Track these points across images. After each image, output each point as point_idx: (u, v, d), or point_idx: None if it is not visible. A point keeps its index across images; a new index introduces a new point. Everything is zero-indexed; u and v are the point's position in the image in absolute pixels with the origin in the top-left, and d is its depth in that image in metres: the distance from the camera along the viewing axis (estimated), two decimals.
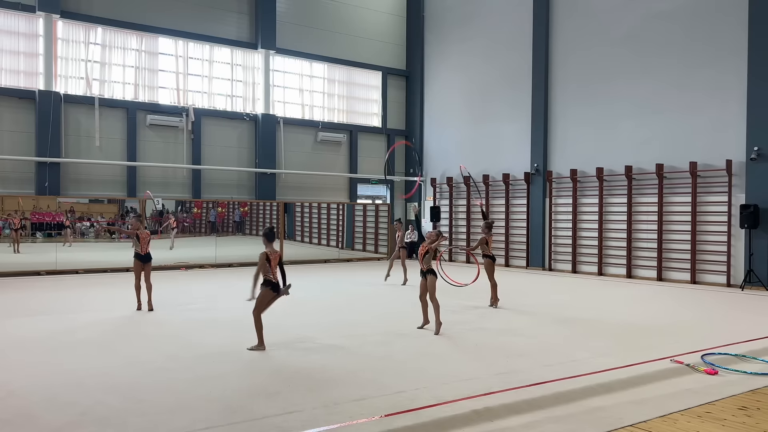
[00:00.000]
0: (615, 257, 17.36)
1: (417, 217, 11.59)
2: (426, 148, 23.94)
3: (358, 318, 10.26)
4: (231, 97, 20.94)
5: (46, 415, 5.23)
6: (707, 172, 15.37)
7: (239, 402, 5.61)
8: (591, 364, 7.02)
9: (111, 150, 18.56)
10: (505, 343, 8.29)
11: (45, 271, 16.36)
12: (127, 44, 19.08)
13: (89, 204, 18.44)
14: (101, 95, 18.49)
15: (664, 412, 5.40)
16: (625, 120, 17.25)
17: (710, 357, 7.32)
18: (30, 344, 7.98)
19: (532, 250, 19.45)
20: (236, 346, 7.83)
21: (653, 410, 5.44)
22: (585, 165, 18.12)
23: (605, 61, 17.80)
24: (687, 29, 16.00)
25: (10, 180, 17.11)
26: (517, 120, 20.22)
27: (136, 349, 7.72)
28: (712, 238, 15.33)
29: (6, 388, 5.94)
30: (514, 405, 5.55)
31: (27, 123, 17.39)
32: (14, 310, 10.81)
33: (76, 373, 6.54)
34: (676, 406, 5.55)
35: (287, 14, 21.77)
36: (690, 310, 11.54)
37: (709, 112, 15.50)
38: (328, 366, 6.95)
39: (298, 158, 22.02)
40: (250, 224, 21.84)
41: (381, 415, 5.24)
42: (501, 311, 10.94)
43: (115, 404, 5.52)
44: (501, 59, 20.91)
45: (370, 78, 23.93)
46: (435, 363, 7.10)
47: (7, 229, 16.85)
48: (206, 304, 11.62)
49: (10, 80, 17.34)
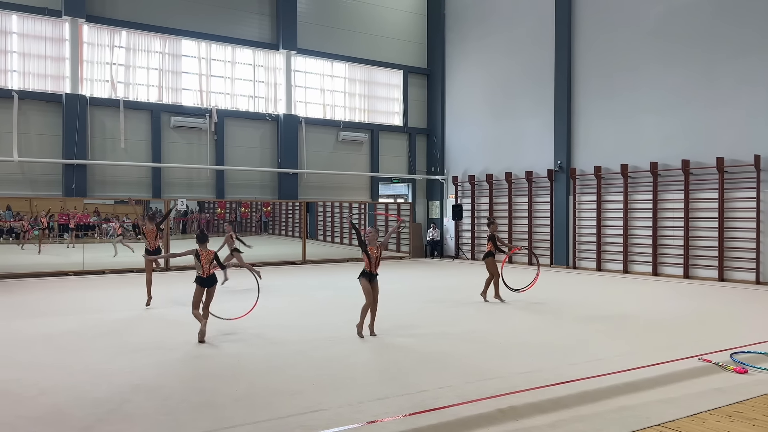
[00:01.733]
0: (640, 255, 17.15)
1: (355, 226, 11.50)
2: (447, 146, 23.87)
3: (380, 317, 10.23)
4: (253, 97, 21.09)
5: (75, 413, 5.31)
6: (735, 168, 15.09)
7: (263, 400, 5.65)
8: (617, 362, 6.93)
9: (136, 151, 18.82)
10: (529, 341, 8.24)
11: (72, 271, 16.64)
12: (150, 47, 19.32)
13: (114, 205, 18.70)
14: (126, 98, 18.74)
15: (692, 411, 5.32)
16: (650, 114, 17.02)
17: (739, 355, 7.18)
18: (59, 343, 8.12)
19: (556, 248, 19.29)
20: (260, 345, 7.88)
21: (681, 410, 5.36)
22: (609, 161, 17.92)
23: (629, 54, 17.58)
24: (713, 20, 15.72)
25: (38, 182, 17.42)
26: (539, 116, 20.07)
27: (162, 347, 7.80)
28: (740, 235, 15.05)
29: (37, 387, 6.06)
30: (540, 404, 5.50)
31: (54, 126, 17.70)
32: (43, 309, 11.01)
33: (104, 371, 6.64)
34: (704, 406, 5.46)
35: (308, 15, 21.86)
36: (718, 308, 11.34)
37: (736, 105, 15.22)
38: (351, 365, 6.97)
39: (319, 158, 22.10)
40: (273, 224, 21.97)
41: (405, 414, 5.24)
42: (525, 310, 10.86)
43: (142, 402, 5.60)
44: (522, 55, 20.76)
45: (391, 77, 23.93)
46: (458, 361, 7.08)
47: (37, 229, 17.18)
48: (228, 304, 11.71)
49: (38, 84, 17.66)
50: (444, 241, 23.71)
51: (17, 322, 9.67)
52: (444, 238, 23.73)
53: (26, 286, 14.32)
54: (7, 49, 17.29)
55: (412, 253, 23.20)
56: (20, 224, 17.40)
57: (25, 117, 17.32)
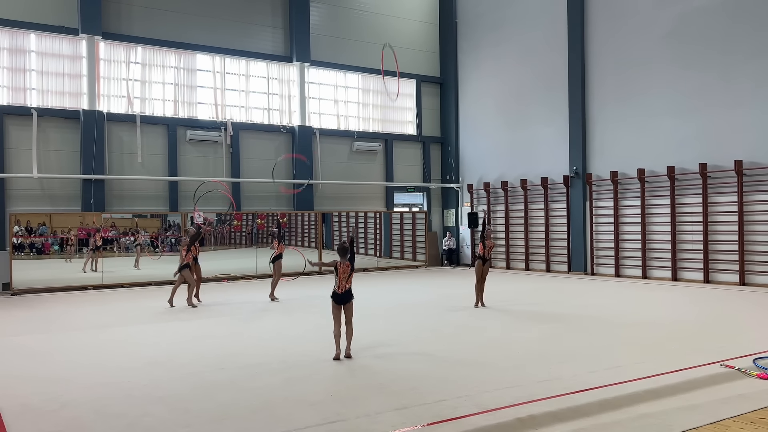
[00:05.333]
0: (659, 260, 16.97)
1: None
2: (462, 154, 23.85)
3: (395, 327, 10.23)
4: (267, 110, 21.24)
5: (96, 427, 5.36)
6: (753, 170, 14.92)
7: (282, 411, 5.65)
8: (637, 369, 6.86)
9: (153, 166, 19.01)
10: (547, 349, 8.18)
11: (92, 285, 16.80)
12: (166, 62, 19.54)
13: (133, 219, 18.87)
14: (142, 113, 18.96)
15: (715, 418, 5.25)
16: (666, 118, 16.89)
17: (762, 361, 7.07)
18: (78, 357, 8.20)
19: (574, 255, 19.15)
20: (276, 356, 7.90)
21: (704, 416, 5.28)
22: (625, 166, 17.79)
23: (643, 59, 17.48)
24: (728, 22, 15.59)
25: (58, 198, 17.65)
26: (554, 123, 20.00)
27: (181, 360, 7.85)
28: (761, 239, 14.85)
29: (59, 400, 6.12)
30: (559, 412, 5.46)
31: (73, 142, 17.94)
32: (63, 323, 11.12)
33: (123, 384, 6.69)
34: (727, 412, 5.38)
35: (320, 27, 22.01)
36: (739, 313, 11.18)
37: (753, 107, 15.06)
38: (367, 375, 6.96)
39: (334, 168, 22.18)
40: (289, 235, 22.04)
41: (423, 424, 5.22)
42: (543, 317, 10.79)
43: (162, 415, 5.63)
44: (536, 62, 20.73)
45: (404, 86, 23.97)
46: (476, 371, 7.04)
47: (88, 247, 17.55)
48: (250, 315, 11.76)
49: (56, 101, 17.93)
50: (460, 249, 23.64)
51: (37, 337, 9.79)
52: (460, 247, 23.66)
53: (46, 300, 14.50)
54: (26, 67, 17.58)
55: (429, 261, 23.15)
56: (91, 240, 17.68)
57: (44, 134, 17.58)
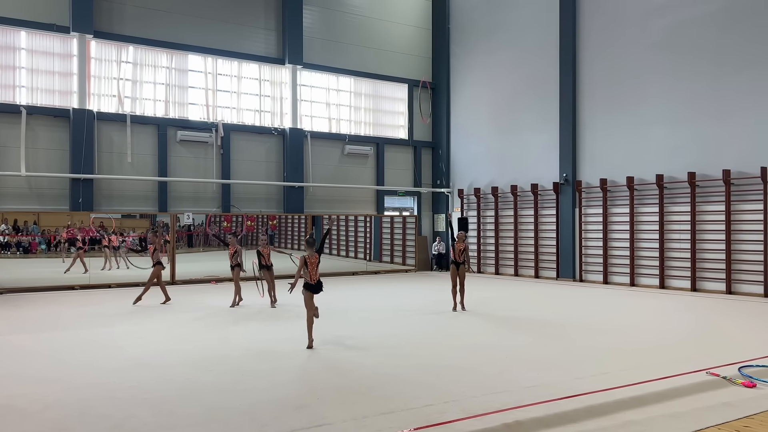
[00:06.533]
0: (647, 267, 17.07)
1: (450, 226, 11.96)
2: (453, 159, 23.90)
3: (383, 331, 10.22)
4: (259, 112, 21.21)
5: (80, 429, 5.31)
6: (741, 180, 15.05)
7: (268, 415, 5.63)
8: (624, 376, 6.89)
9: (143, 166, 18.92)
10: (534, 355, 8.20)
11: (78, 285, 16.68)
12: (157, 62, 19.47)
13: (121, 219, 18.79)
14: (133, 112, 18.87)
15: (700, 426, 5.27)
16: (656, 127, 17.01)
17: (748, 369, 7.12)
18: (63, 357, 8.13)
19: (562, 262, 19.23)
20: (263, 359, 7.87)
21: (689, 424, 5.31)
22: (615, 174, 17.90)
23: (634, 68, 17.60)
24: (718, 34, 15.73)
25: (46, 196, 17.53)
26: (544, 129, 20.08)
27: (166, 361, 7.80)
28: (748, 248, 14.97)
29: (43, 402, 6.06)
30: (545, 418, 5.47)
31: (62, 141, 17.83)
32: (49, 323, 11.03)
33: (108, 385, 6.64)
34: (712, 420, 5.41)
35: (313, 29, 22.02)
36: (726, 321, 11.26)
37: (742, 118, 15.20)
38: (355, 379, 6.94)
39: (325, 171, 22.16)
40: (279, 237, 22.00)
41: (410, 429, 5.21)
42: (530, 323, 10.82)
43: (147, 417, 5.58)
44: (528, 69, 20.83)
45: (397, 91, 24.03)
46: (463, 376, 7.04)
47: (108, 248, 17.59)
48: (238, 317, 11.72)
49: (46, 99, 17.82)
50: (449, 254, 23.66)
51: (23, 337, 9.70)
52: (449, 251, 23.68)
53: (32, 300, 14.37)
54: (15, 64, 17.46)
55: (418, 266, 23.17)
56: (108, 241, 17.69)
57: (33, 132, 17.46)
